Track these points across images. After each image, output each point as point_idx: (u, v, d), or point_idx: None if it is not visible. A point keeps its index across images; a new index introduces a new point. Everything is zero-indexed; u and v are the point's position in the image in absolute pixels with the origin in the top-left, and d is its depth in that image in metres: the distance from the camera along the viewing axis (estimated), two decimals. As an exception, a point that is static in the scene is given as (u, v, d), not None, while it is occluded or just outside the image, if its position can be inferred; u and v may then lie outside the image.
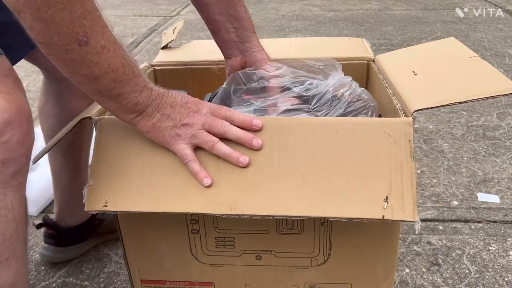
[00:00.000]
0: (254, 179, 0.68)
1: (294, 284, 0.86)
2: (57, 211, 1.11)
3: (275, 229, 0.79)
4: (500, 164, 1.48)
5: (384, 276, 0.82)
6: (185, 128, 0.66)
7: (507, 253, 1.11)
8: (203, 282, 0.89)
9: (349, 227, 0.77)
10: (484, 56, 2.43)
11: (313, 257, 0.83)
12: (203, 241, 0.83)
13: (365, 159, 0.66)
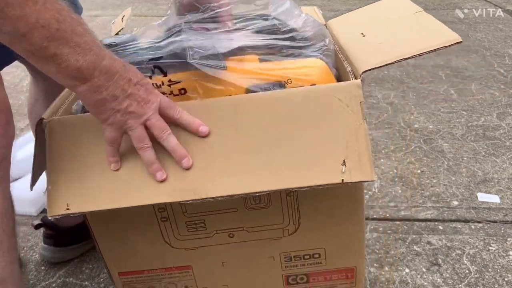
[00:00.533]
0: (213, 159, 0.68)
1: (269, 255, 0.88)
2: None
3: (244, 206, 0.81)
4: (500, 164, 1.48)
5: (355, 237, 0.85)
6: (128, 116, 0.62)
7: (507, 253, 1.11)
8: (181, 266, 0.90)
9: (314, 195, 0.79)
10: (484, 56, 2.43)
11: (284, 227, 0.85)
12: (174, 228, 0.84)
13: (319, 127, 0.68)
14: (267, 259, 0.89)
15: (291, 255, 0.88)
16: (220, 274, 0.91)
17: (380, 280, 1.04)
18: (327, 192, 0.77)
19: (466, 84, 2.10)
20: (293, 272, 0.91)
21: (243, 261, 0.89)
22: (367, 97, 2.00)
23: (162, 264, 0.90)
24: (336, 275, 0.92)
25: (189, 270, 0.91)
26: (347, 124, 0.67)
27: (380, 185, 1.40)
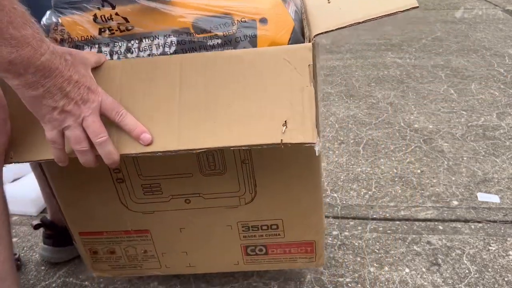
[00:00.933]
0: (158, 117, 0.67)
1: (227, 224, 0.88)
2: (51, 213, 1.11)
3: (199, 172, 0.80)
4: (500, 164, 1.48)
5: (312, 209, 0.85)
6: (65, 115, 0.60)
7: (507, 253, 1.11)
8: (139, 230, 0.91)
9: (269, 164, 0.79)
10: (484, 56, 2.43)
11: (241, 196, 0.84)
12: (130, 190, 0.84)
13: (265, 88, 0.66)
14: (224, 228, 0.89)
15: (249, 224, 0.88)
16: (178, 240, 0.91)
17: (380, 280, 1.04)
18: (281, 160, 0.78)
19: (466, 84, 2.10)
20: (251, 242, 0.91)
21: (201, 228, 0.89)
22: (367, 97, 2.00)
23: (120, 227, 0.90)
24: (295, 248, 0.92)
25: (148, 234, 0.91)
26: (292, 86, 0.65)
27: (380, 185, 1.40)
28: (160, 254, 0.94)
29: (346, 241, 1.17)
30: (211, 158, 0.79)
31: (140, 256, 0.95)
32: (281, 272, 1.07)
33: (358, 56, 2.52)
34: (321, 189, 0.84)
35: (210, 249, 0.93)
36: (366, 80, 2.19)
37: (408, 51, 2.56)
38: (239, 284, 1.05)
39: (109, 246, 0.93)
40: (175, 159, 0.77)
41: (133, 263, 0.97)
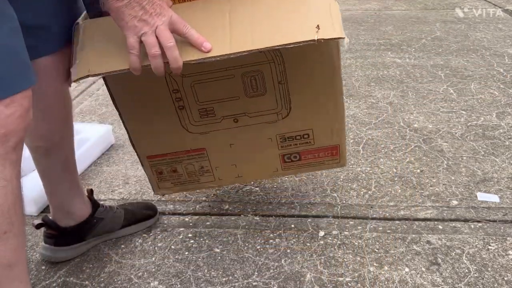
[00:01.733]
0: (213, 32, 0.81)
1: (268, 137, 1.11)
2: (53, 212, 1.11)
3: (244, 94, 1.02)
4: (499, 163, 1.48)
5: (336, 116, 1.08)
6: (142, 23, 0.75)
7: (507, 253, 1.12)
8: (197, 149, 1.12)
9: (301, 79, 1.01)
10: (483, 55, 2.44)
11: (278, 112, 1.06)
12: (189, 114, 1.04)
13: (298, 5, 0.83)
14: (266, 140, 1.11)
15: (285, 136, 1.11)
16: (228, 155, 1.13)
17: (379, 280, 1.05)
18: (311, 75, 1.00)
19: (465, 83, 2.10)
20: (287, 151, 1.14)
21: (247, 142, 1.11)
22: (367, 97, 2.00)
23: (182, 147, 1.11)
24: (323, 152, 1.16)
25: (204, 152, 1.13)
26: (322, 2, 0.82)
27: (379, 184, 1.40)
28: (214, 168, 1.16)
29: (346, 241, 1.17)
30: (253, 81, 1.01)
31: (198, 171, 1.16)
32: (281, 272, 1.08)
33: (358, 56, 2.53)
34: (342, 98, 1.05)
35: (255, 160, 1.15)
36: (366, 80, 2.19)
37: (408, 51, 2.57)
38: (239, 283, 1.05)
39: (172, 165, 1.14)
40: (225, 85, 1.00)
41: (192, 178, 1.18)
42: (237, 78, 0.99)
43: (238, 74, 0.99)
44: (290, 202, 1.34)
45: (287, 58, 0.98)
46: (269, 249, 1.15)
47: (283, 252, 1.14)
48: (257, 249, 1.16)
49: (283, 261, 1.11)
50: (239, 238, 1.20)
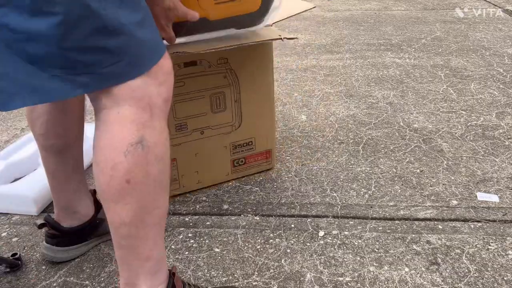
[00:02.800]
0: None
1: (224, 146, 1.37)
2: (57, 212, 1.11)
3: (210, 111, 1.30)
4: (499, 163, 1.48)
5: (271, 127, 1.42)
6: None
7: (506, 252, 1.12)
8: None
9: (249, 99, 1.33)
10: (483, 55, 2.44)
11: (233, 124, 1.35)
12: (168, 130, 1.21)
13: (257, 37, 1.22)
14: (222, 149, 1.37)
15: (236, 144, 1.38)
16: (193, 163, 1.35)
17: (379, 279, 1.05)
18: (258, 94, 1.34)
19: (465, 83, 2.10)
20: (236, 157, 1.41)
21: (208, 151, 1.35)
22: (367, 97, 2.00)
23: None
24: (260, 156, 1.45)
25: (174, 162, 1.32)
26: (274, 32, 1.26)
27: (379, 184, 1.40)
28: (180, 177, 1.35)
29: (346, 241, 1.17)
30: (218, 100, 1.30)
31: None
32: (281, 272, 1.08)
33: (357, 56, 2.53)
34: (274, 110, 1.41)
35: (213, 166, 1.38)
36: (366, 80, 2.20)
37: (408, 51, 2.57)
38: (239, 283, 1.05)
39: None
40: (197, 103, 1.27)
41: None
42: (206, 98, 1.28)
43: (208, 94, 1.28)
44: (290, 202, 1.34)
45: (242, 82, 1.30)
46: (269, 249, 1.16)
47: (283, 252, 1.14)
48: (257, 249, 1.16)
49: (283, 261, 1.11)
50: (239, 238, 1.20)
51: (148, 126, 0.75)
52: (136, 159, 0.74)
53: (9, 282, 1.08)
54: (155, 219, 0.80)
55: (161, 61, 0.77)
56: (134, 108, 0.74)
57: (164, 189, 0.80)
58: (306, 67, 2.41)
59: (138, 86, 0.74)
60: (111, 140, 0.75)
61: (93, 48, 0.68)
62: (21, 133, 1.81)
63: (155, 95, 0.76)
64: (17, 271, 1.11)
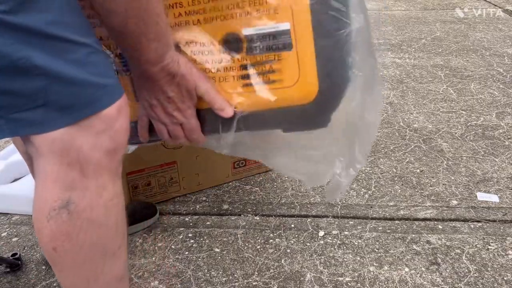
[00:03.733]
0: None
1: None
2: None
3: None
4: (499, 163, 1.48)
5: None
6: (170, 119, 0.75)
7: (506, 252, 1.12)
8: (170, 162, 1.30)
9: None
10: (483, 55, 2.44)
11: None
12: None
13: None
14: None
15: None
16: (194, 166, 1.34)
17: (379, 279, 1.05)
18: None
19: (465, 83, 2.10)
20: (237, 159, 1.39)
21: (209, 153, 1.28)
22: (367, 97, 2.00)
23: (158, 162, 1.28)
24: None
25: (175, 164, 1.31)
26: None
27: (379, 184, 1.40)
28: (181, 179, 1.34)
29: (346, 240, 1.17)
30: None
31: (168, 183, 1.33)
32: (281, 272, 1.08)
33: (357, 56, 2.52)
34: None
35: (213, 168, 1.37)
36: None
37: (408, 51, 2.57)
38: (239, 283, 1.05)
39: (147, 179, 1.29)
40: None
41: (162, 189, 1.33)
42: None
43: None
44: (290, 202, 1.34)
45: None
46: (269, 249, 1.16)
47: (283, 252, 1.14)
48: (257, 249, 1.16)
49: (283, 261, 1.11)
50: (239, 238, 1.20)
51: (77, 186, 0.62)
52: (60, 226, 0.62)
53: (9, 282, 1.08)
54: (102, 287, 0.69)
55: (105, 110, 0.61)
56: (57, 164, 0.60)
57: (110, 255, 0.68)
58: (306, 67, 2.40)
59: (59, 138, 0.59)
60: (37, 198, 0.63)
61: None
62: (21, 133, 1.81)
63: (89, 148, 0.61)
64: (17, 271, 1.11)
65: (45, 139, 0.59)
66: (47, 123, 0.58)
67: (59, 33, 0.56)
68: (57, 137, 0.59)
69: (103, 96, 0.61)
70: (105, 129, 0.61)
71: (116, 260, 0.69)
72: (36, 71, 0.55)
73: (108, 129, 0.62)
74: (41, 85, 0.56)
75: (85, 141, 0.60)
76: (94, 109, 0.60)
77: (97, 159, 0.62)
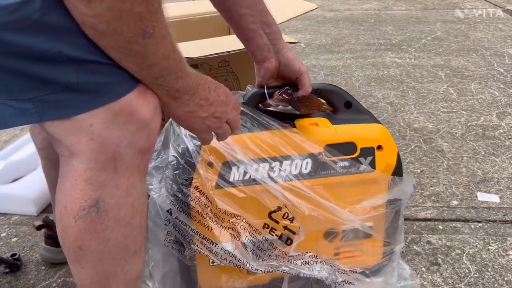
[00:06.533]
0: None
1: None
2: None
3: None
4: (499, 163, 1.48)
5: None
6: (215, 120, 0.70)
7: (507, 253, 1.11)
8: None
9: None
10: (483, 55, 2.44)
11: None
12: None
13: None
14: None
15: None
16: None
17: (380, 280, 1.04)
18: None
19: (465, 83, 2.10)
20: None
21: None
22: (367, 97, 2.00)
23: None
24: None
25: None
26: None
27: (380, 184, 1.40)
28: None
29: (346, 241, 1.17)
30: None
31: None
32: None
33: (358, 56, 2.53)
34: None
35: None
36: (366, 80, 2.19)
37: (408, 51, 2.57)
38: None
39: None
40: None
41: None
42: None
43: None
44: (290, 202, 1.33)
45: (243, 85, 1.26)
46: (269, 249, 1.15)
47: (283, 252, 1.14)
48: (257, 249, 1.15)
49: (283, 261, 1.11)
50: (239, 238, 1.20)
51: (109, 184, 0.62)
52: (88, 225, 0.62)
53: (9, 283, 1.08)
54: (121, 285, 0.69)
55: (132, 99, 0.60)
56: (92, 163, 0.60)
57: (132, 254, 0.69)
58: (306, 66, 2.40)
59: (99, 132, 0.59)
60: (63, 197, 0.63)
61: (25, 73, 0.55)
62: (21, 133, 1.81)
63: (125, 145, 0.61)
64: (17, 272, 1.11)
65: (84, 134, 0.58)
66: (77, 105, 0.57)
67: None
68: (95, 133, 0.58)
69: (128, 79, 0.60)
70: (142, 127, 0.61)
71: (137, 259, 0.70)
72: (63, 57, 0.55)
73: (144, 127, 0.62)
74: (70, 68, 0.56)
75: (123, 137, 0.60)
76: (124, 90, 0.59)
77: (130, 157, 0.62)
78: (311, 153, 0.83)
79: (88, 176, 0.60)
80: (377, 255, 0.92)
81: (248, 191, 0.80)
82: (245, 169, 0.80)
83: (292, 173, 0.82)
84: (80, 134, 0.58)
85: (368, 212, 0.85)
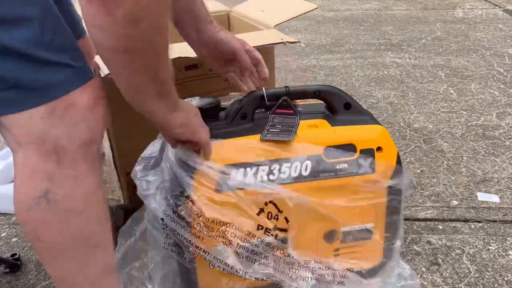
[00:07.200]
0: None
1: None
2: None
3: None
4: (499, 163, 1.48)
5: None
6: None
7: (507, 253, 1.11)
8: None
9: None
10: (483, 55, 2.44)
11: None
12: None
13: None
14: None
15: None
16: None
17: (380, 280, 1.04)
18: None
19: (465, 83, 2.10)
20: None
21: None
22: (367, 97, 2.00)
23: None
24: None
25: None
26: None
27: (380, 184, 1.40)
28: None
29: (346, 241, 1.17)
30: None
31: None
32: (281, 272, 1.07)
33: (358, 56, 2.53)
34: None
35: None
36: (366, 80, 2.19)
37: (408, 51, 2.57)
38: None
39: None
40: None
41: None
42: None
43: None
44: None
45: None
46: (269, 249, 1.15)
47: (283, 252, 1.14)
48: (257, 249, 1.15)
49: (283, 261, 1.11)
50: (239, 238, 1.20)
51: (56, 175, 0.63)
52: (41, 216, 0.64)
53: (9, 283, 1.08)
54: (90, 279, 0.70)
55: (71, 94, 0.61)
56: (35, 155, 0.62)
57: (92, 246, 0.69)
58: (306, 66, 2.41)
59: (36, 127, 0.61)
60: (17, 193, 0.66)
61: None
62: (21, 133, 1.81)
63: (65, 137, 0.62)
64: (17, 272, 1.11)
65: (25, 128, 0.61)
66: (20, 102, 0.59)
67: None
68: (34, 126, 0.60)
69: (74, 77, 0.62)
70: (81, 119, 0.63)
71: (99, 252, 0.70)
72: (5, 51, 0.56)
73: (85, 119, 0.63)
74: (13, 65, 0.57)
75: (62, 130, 0.62)
76: (67, 89, 0.61)
77: (73, 149, 0.63)
78: (311, 155, 0.82)
79: (33, 167, 0.63)
80: (377, 255, 0.91)
81: (236, 197, 0.79)
82: (242, 174, 0.79)
83: (292, 175, 0.81)
84: (22, 127, 0.61)
85: (369, 199, 0.85)
